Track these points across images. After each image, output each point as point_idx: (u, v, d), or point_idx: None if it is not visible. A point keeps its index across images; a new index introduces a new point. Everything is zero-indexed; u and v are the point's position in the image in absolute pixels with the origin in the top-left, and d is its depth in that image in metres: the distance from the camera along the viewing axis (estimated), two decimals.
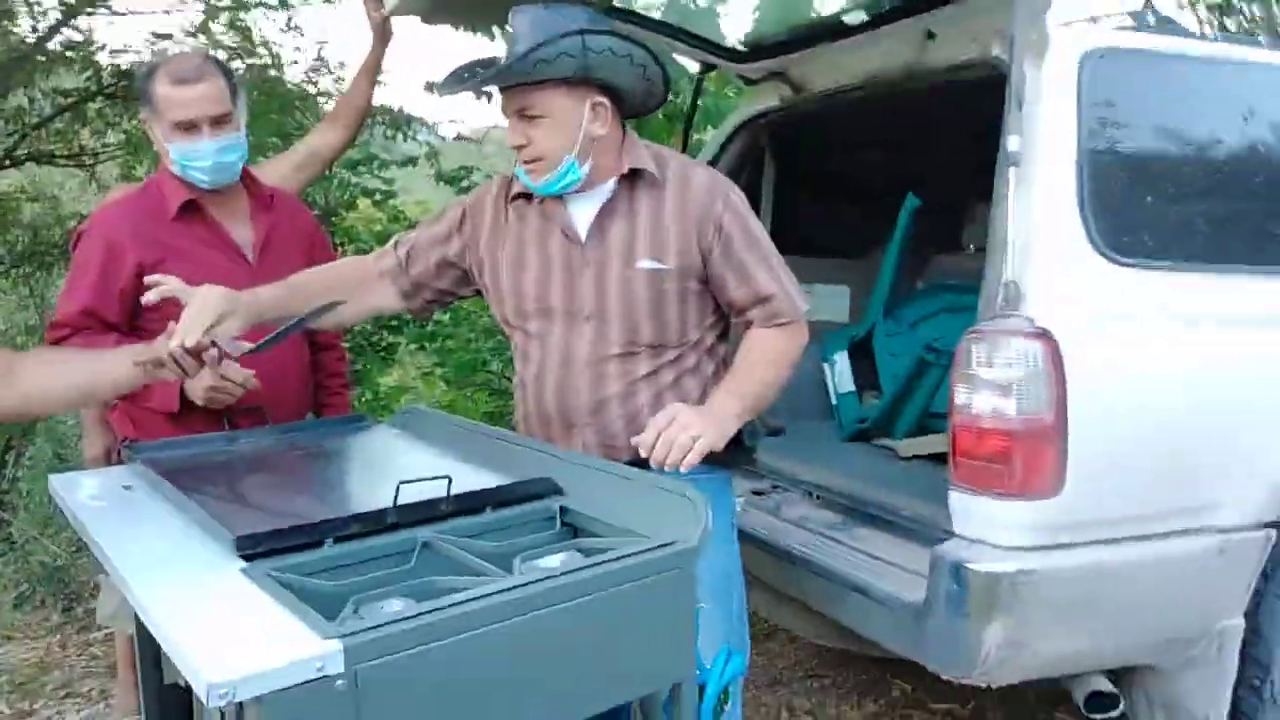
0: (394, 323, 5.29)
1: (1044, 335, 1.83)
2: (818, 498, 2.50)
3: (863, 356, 3.15)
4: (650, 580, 1.29)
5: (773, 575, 2.27)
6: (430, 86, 4.95)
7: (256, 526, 1.35)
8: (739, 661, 1.53)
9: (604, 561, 1.27)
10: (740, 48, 3.07)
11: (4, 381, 1.54)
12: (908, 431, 2.89)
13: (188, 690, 1.45)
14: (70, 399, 1.87)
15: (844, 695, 2.99)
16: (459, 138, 6.20)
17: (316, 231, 2.38)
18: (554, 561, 1.36)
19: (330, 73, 7.75)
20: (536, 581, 1.21)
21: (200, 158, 2.03)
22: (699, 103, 3.32)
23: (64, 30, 7.11)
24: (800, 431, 3.03)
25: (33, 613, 3.82)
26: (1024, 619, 1.81)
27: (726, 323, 1.87)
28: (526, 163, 1.71)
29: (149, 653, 1.73)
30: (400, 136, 6.41)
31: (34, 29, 6.97)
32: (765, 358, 1.76)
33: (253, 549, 1.30)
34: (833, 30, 2.73)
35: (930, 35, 2.47)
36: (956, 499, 1.91)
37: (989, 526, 1.85)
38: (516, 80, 1.64)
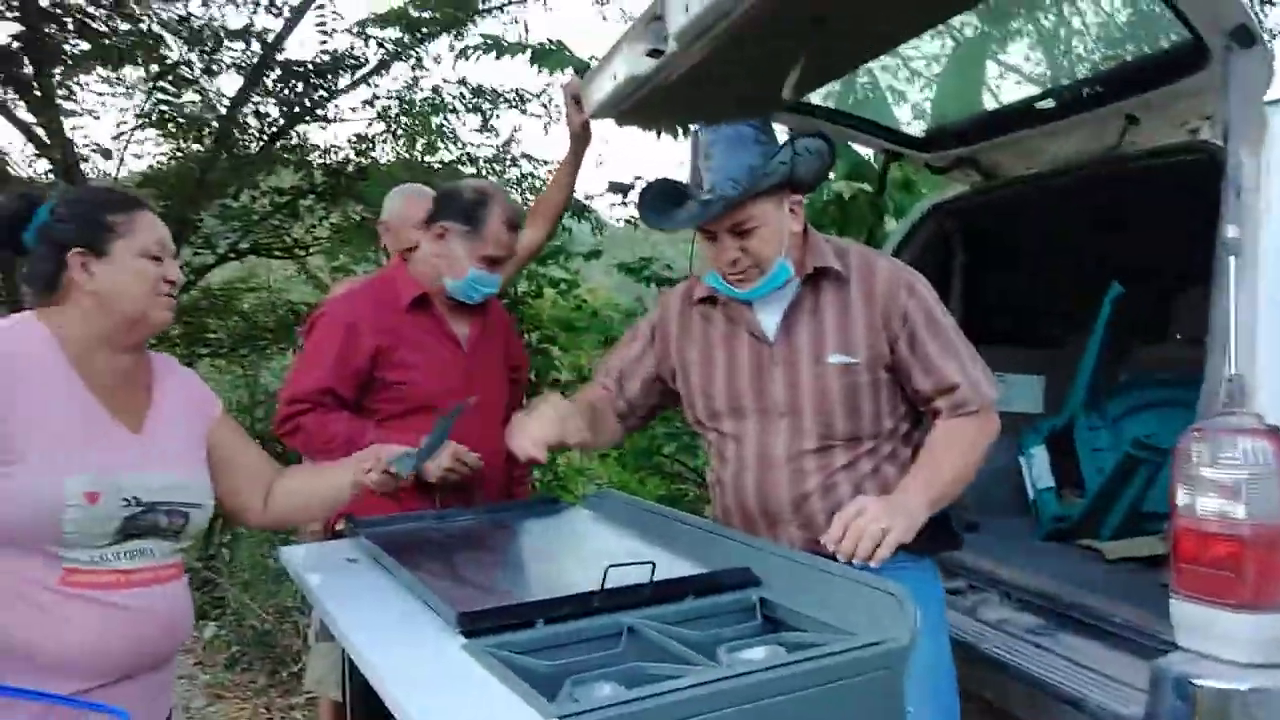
0: None
1: (1274, 433, 1.72)
2: (1017, 600, 2.38)
3: (1062, 451, 3.01)
4: (859, 680, 1.27)
5: (971, 679, 2.16)
6: (615, 188, 5.19)
7: (475, 604, 1.43)
8: None
9: (813, 658, 1.26)
10: (926, 135, 3.07)
11: (265, 506, 1.82)
12: (1114, 532, 2.72)
13: None
14: (307, 515, 2.21)
15: None
16: (629, 221, 6.40)
17: (510, 325, 2.57)
18: (758, 654, 1.36)
19: (517, 166, 8.25)
20: (748, 674, 1.21)
21: (491, 285, 2.28)
22: (885, 192, 3.33)
23: (283, 137, 7.88)
24: (995, 528, 2.92)
25: (241, 674, 4.07)
26: None
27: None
28: (737, 274, 1.75)
29: (363, 717, 1.83)
30: (577, 221, 6.72)
31: (260, 136, 7.76)
32: (953, 447, 1.74)
33: (473, 626, 1.36)
34: (1025, 116, 2.70)
35: (1132, 120, 2.40)
36: (1179, 608, 1.79)
37: (1217, 640, 1.72)
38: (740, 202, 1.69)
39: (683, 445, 5.33)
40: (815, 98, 2.77)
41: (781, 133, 2.13)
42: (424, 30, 7.57)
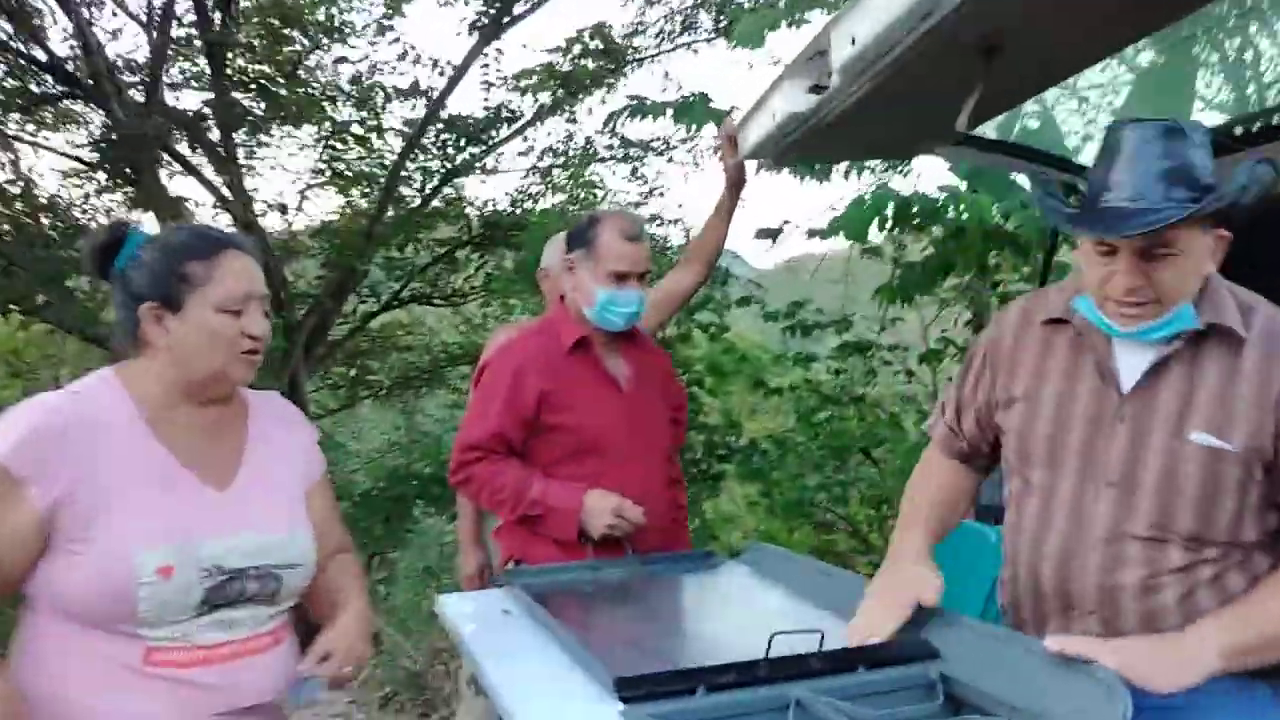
0: (722, 451, 5.38)
1: None
2: None
3: None
4: None
5: None
6: (764, 234, 5.12)
7: (633, 668, 1.35)
8: None
9: None
10: None
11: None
12: None
13: None
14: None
15: None
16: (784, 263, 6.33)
17: (671, 369, 2.52)
18: None
19: (669, 222, 8.34)
20: None
21: (626, 305, 2.22)
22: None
23: (443, 191, 8.24)
24: None
25: (395, 715, 4.14)
26: None
27: None
28: (1130, 306, 1.40)
29: None
30: (718, 279, 6.68)
31: (421, 189, 8.13)
32: None
33: (631, 692, 1.29)
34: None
35: None
36: None
37: None
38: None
39: (834, 495, 5.16)
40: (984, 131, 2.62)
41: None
42: (575, 87, 7.79)
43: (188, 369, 1.46)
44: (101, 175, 7.35)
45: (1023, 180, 3.61)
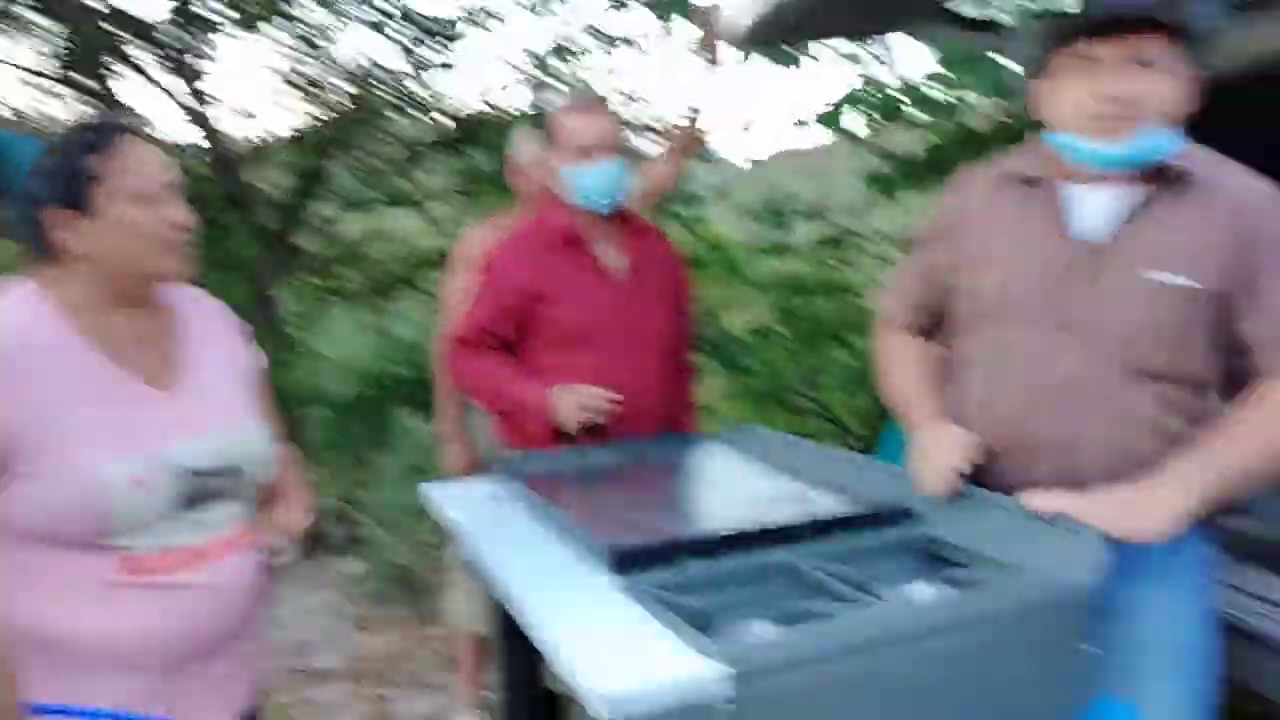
0: (699, 342, 5.41)
1: None
2: None
3: None
4: (1035, 619, 1.19)
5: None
6: (739, 125, 5.04)
7: (624, 540, 1.38)
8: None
9: (981, 596, 1.18)
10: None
11: None
12: None
13: (549, 693, 1.50)
14: None
15: None
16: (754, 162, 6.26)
17: (680, 262, 2.45)
18: (921, 591, 1.29)
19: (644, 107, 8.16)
20: (908, 613, 1.15)
21: (597, 180, 2.17)
22: None
23: (412, 90, 7.99)
24: None
25: (384, 607, 4.23)
26: None
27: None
28: (1112, 119, 1.39)
29: (507, 653, 1.83)
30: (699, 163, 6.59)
31: (389, 89, 7.88)
32: (1261, 426, 1.38)
33: (625, 564, 1.33)
34: None
35: None
36: None
37: None
38: (1162, 14, 1.37)
39: (807, 380, 5.23)
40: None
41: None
42: None
43: (114, 271, 1.37)
44: (57, 86, 7.07)
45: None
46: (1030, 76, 1.51)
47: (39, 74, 7.04)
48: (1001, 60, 3.49)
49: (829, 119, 4.00)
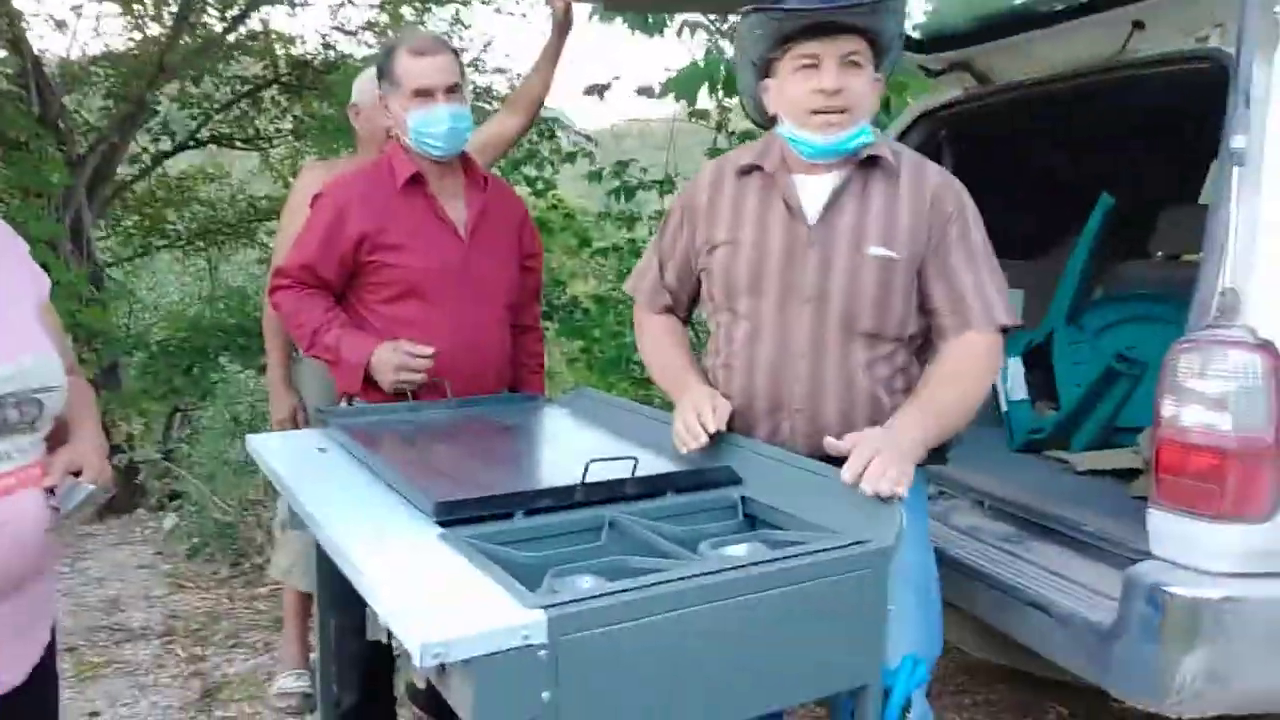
0: (544, 309, 5.40)
1: (1265, 347, 1.70)
2: (989, 508, 2.39)
3: (1037, 364, 3.00)
4: (843, 578, 1.26)
5: (941, 585, 2.19)
6: (593, 90, 5.03)
7: (451, 495, 1.38)
8: (924, 669, 1.47)
9: (797, 555, 1.24)
10: (921, 38, 2.97)
11: None
12: (1087, 444, 2.74)
13: (374, 646, 1.48)
14: None
15: (995, 714, 2.87)
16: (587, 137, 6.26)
17: (526, 217, 2.43)
18: (739, 550, 1.34)
19: (492, 71, 7.99)
20: (730, 569, 1.19)
21: (436, 123, 2.11)
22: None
23: (246, 22, 7.54)
24: (967, 438, 2.91)
25: (204, 564, 4.06)
26: (1228, 650, 1.68)
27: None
28: (832, 112, 1.63)
29: (330, 607, 1.80)
30: (545, 133, 6.52)
31: (221, 19, 7.41)
32: (959, 382, 1.65)
33: (450, 516, 1.33)
34: (1026, 20, 2.61)
35: (1138, 25, 2.32)
36: (1157, 518, 1.79)
37: (1193, 549, 1.74)
38: (862, 21, 1.61)
39: None
40: None
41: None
42: None
43: None
44: None
45: None
46: (760, 76, 1.73)
47: None
48: None
49: (674, 84, 4.05)
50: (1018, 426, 2.97)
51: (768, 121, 1.80)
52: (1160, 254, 3.11)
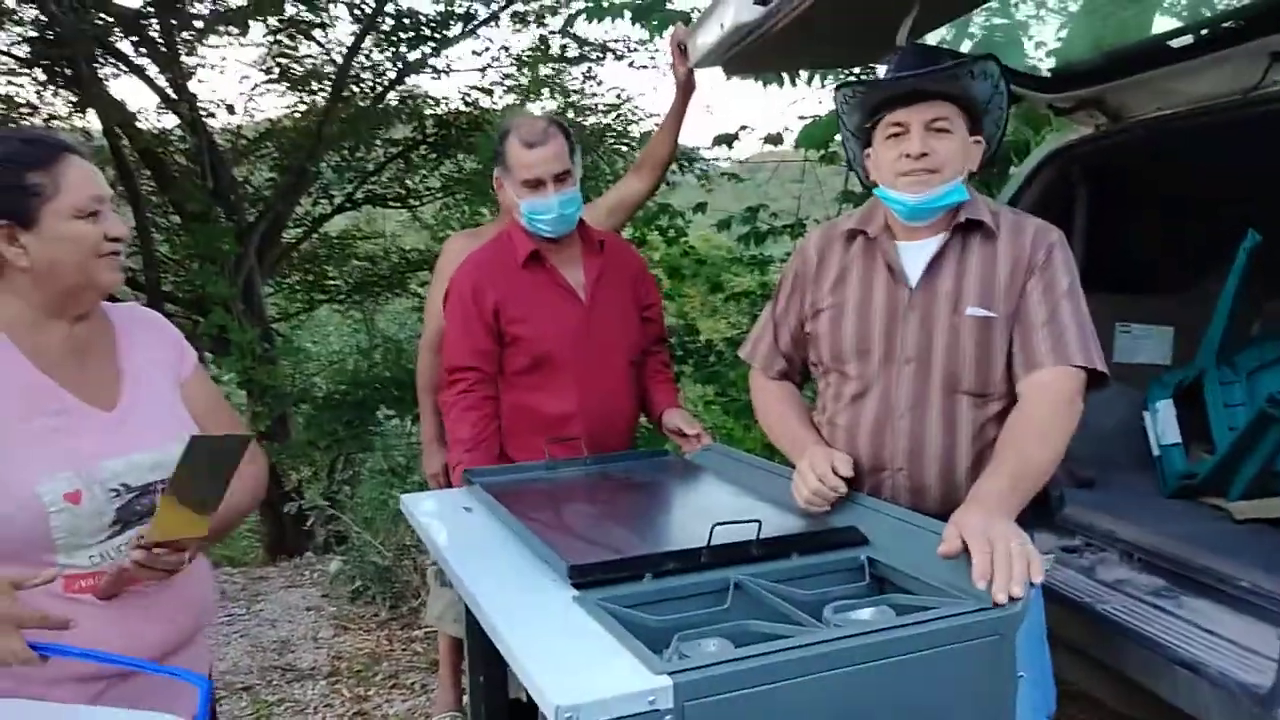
0: (679, 353, 5.49)
1: None
2: (1137, 559, 2.30)
3: (1190, 405, 2.87)
4: (970, 644, 1.26)
5: (1084, 638, 2.13)
6: (722, 140, 5.11)
7: (585, 556, 1.46)
8: None
9: (924, 621, 1.25)
10: (1050, 76, 2.93)
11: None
12: (1244, 492, 2.60)
13: (524, 704, 1.58)
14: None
15: None
16: (733, 176, 6.34)
17: (642, 270, 2.53)
18: (866, 615, 1.36)
19: (629, 117, 8.23)
20: (856, 635, 1.21)
21: (545, 211, 2.25)
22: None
23: (396, 89, 8.04)
24: (1115, 484, 2.83)
25: (365, 606, 4.29)
26: None
27: None
28: (917, 172, 1.69)
29: (480, 659, 1.90)
30: (682, 173, 6.66)
31: (373, 88, 7.93)
32: (1037, 433, 1.61)
33: (583, 578, 1.40)
34: (1159, 54, 2.54)
35: (1277, 57, 2.24)
36: None
37: None
38: (945, 88, 1.68)
39: None
40: (931, 40, 2.66)
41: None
42: None
43: (55, 283, 1.40)
44: (39, 73, 7.07)
45: None
46: (863, 146, 1.82)
47: (10, 55, 7.02)
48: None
49: (805, 138, 4.08)
50: (1170, 472, 2.84)
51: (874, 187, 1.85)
52: None
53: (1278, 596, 1.90)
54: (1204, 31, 2.45)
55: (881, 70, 1.92)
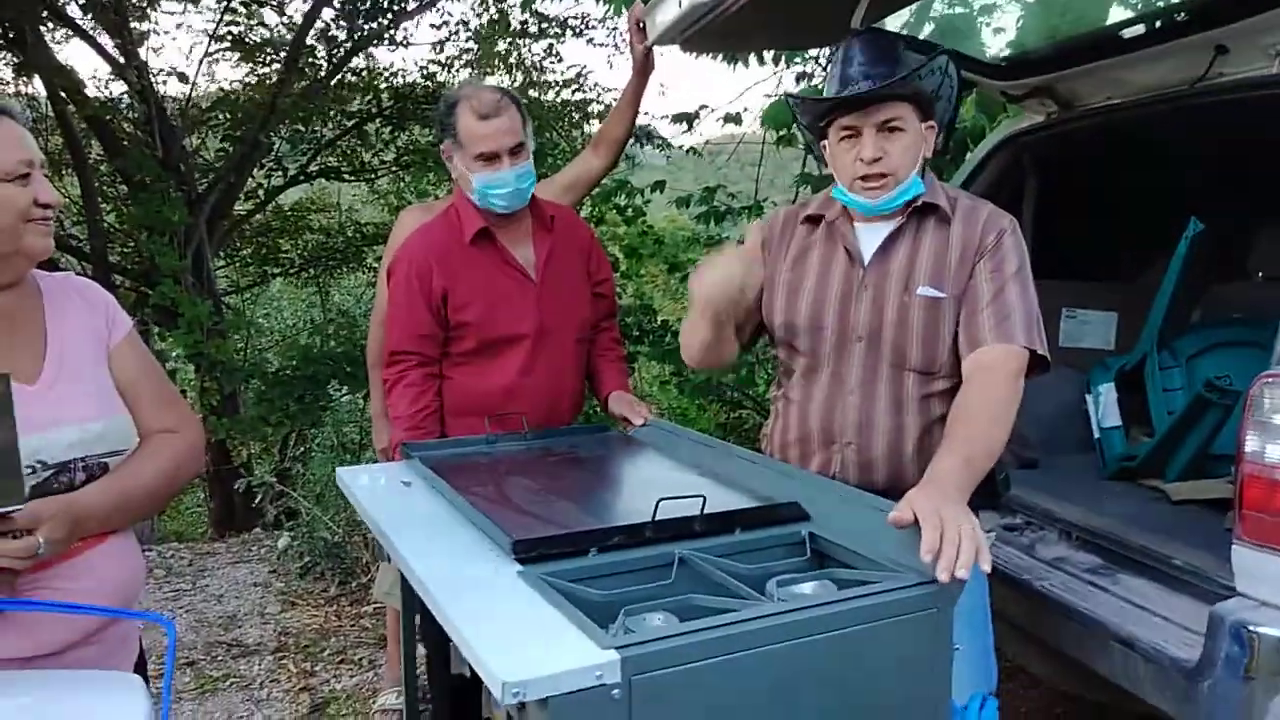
0: (635, 333, 5.49)
1: None
2: (1076, 538, 2.36)
3: (1131, 389, 2.94)
4: (909, 618, 1.28)
5: (1022, 615, 2.17)
6: (680, 119, 5.09)
7: (529, 531, 1.46)
8: (993, 708, 1.48)
9: (865, 595, 1.27)
10: (1003, 63, 2.96)
11: None
12: (1181, 474, 2.67)
13: (467, 679, 1.57)
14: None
15: None
16: (694, 150, 6.33)
17: (593, 245, 2.49)
18: (808, 589, 1.37)
19: (587, 90, 8.17)
20: (798, 609, 1.23)
21: (501, 185, 2.19)
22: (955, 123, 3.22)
23: (351, 61, 7.90)
24: (1057, 465, 2.89)
25: (314, 582, 4.26)
26: None
27: None
28: (873, 178, 1.74)
29: (418, 634, 1.89)
30: (642, 146, 6.63)
31: (329, 60, 7.78)
32: (988, 414, 1.62)
33: (527, 553, 1.40)
34: (1109, 44, 2.58)
35: (1221, 49, 2.28)
36: (1241, 555, 1.76)
37: (1278, 588, 1.70)
38: (894, 92, 1.70)
39: (741, 378, 5.34)
40: (888, 26, 2.68)
41: None
42: None
43: None
44: None
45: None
46: (819, 138, 1.87)
47: None
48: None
49: (769, 118, 4.08)
50: (1110, 454, 2.91)
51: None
52: (1261, 275, 3.01)
53: (1210, 575, 1.96)
54: (1157, 23, 2.49)
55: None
